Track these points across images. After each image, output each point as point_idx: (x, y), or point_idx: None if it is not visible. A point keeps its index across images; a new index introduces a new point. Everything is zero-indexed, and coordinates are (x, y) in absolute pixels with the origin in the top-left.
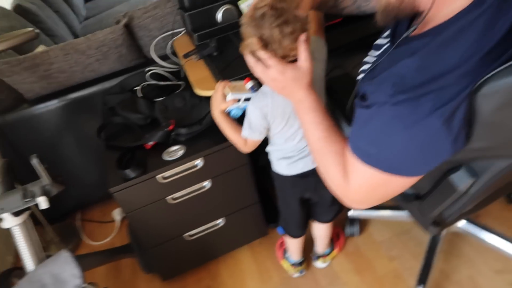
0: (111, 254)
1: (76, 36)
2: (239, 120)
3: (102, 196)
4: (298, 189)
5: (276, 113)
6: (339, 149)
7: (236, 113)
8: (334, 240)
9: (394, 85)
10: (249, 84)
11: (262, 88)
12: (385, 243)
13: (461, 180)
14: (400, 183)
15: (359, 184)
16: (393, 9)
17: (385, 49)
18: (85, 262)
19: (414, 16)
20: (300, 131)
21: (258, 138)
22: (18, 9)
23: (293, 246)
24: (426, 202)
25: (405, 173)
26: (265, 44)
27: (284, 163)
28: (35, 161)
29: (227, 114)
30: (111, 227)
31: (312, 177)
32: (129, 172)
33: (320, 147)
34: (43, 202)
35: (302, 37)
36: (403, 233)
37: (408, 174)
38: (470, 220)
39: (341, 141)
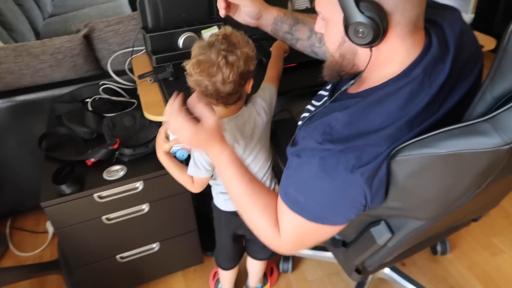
0: (37, 270)
1: (37, 33)
2: (186, 162)
3: (37, 204)
4: (232, 225)
5: None
6: (266, 201)
7: (181, 154)
8: (267, 274)
9: (324, 133)
10: None
11: None
12: (316, 282)
13: (379, 234)
14: (327, 231)
15: (289, 231)
16: (336, 64)
17: (324, 101)
18: (7, 276)
19: (355, 76)
20: None
21: (204, 176)
22: None
23: (225, 277)
24: (350, 250)
25: (329, 223)
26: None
27: (222, 198)
28: None
29: (173, 155)
30: (42, 238)
31: None
32: (65, 188)
33: (246, 201)
34: None
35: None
36: (334, 274)
37: (332, 224)
38: (394, 268)
39: (266, 192)
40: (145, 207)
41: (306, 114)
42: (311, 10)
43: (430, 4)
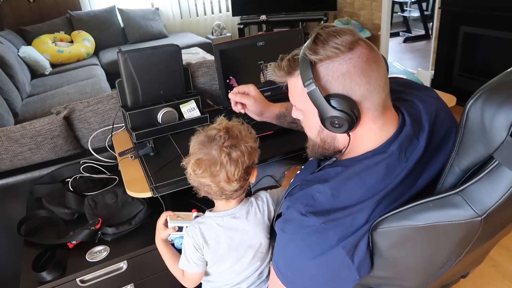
0: None
1: (15, 113)
2: None
3: None
4: None
5: (207, 246)
6: None
7: (179, 242)
8: None
9: (307, 205)
10: (195, 214)
11: (198, 218)
12: None
13: None
14: None
15: None
16: (319, 148)
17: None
18: None
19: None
20: (236, 267)
21: (195, 271)
22: None
23: None
24: None
25: None
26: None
27: None
28: None
29: (171, 243)
30: None
31: None
32: (45, 275)
33: None
34: None
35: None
36: None
37: None
38: None
39: None
40: None
41: (292, 180)
42: None
43: (410, 85)
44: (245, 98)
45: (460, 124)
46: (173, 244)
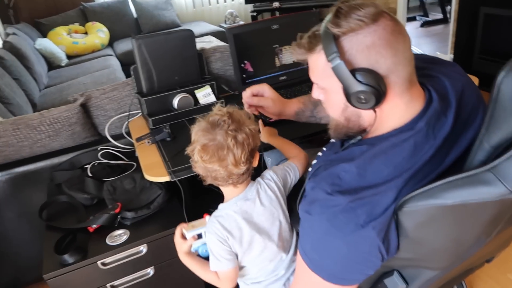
0: None
1: (33, 104)
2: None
3: (40, 277)
4: None
5: (232, 236)
6: None
7: (203, 249)
8: None
9: (333, 184)
10: (208, 218)
11: (214, 213)
12: None
13: (394, 285)
14: None
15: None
16: (343, 128)
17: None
18: None
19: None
20: (266, 253)
21: (228, 268)
22: None
23: None
24: None
25: (347, 283)
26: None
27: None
28: None
29: (196, 254)
30: None
31: None
32: (67, 257)
33: None
34: None
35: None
36: None
37: (349, 283)
38: None
39: None
40: (150, 271)
41: (314, 161)
42: (298, 64)
43: (434, 61)
44: (262, 100)
45: (491, 98)
46: (198, 255)
